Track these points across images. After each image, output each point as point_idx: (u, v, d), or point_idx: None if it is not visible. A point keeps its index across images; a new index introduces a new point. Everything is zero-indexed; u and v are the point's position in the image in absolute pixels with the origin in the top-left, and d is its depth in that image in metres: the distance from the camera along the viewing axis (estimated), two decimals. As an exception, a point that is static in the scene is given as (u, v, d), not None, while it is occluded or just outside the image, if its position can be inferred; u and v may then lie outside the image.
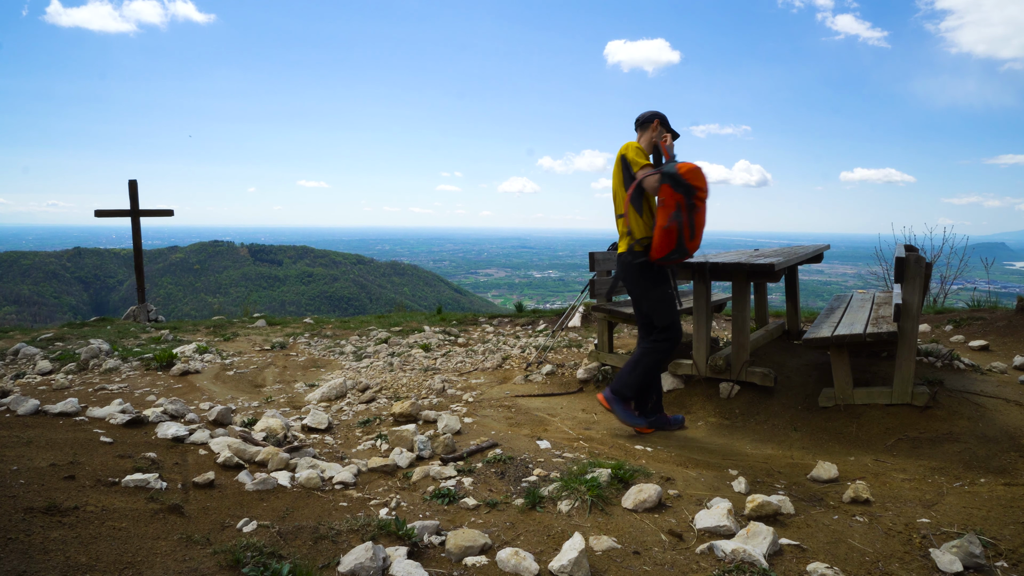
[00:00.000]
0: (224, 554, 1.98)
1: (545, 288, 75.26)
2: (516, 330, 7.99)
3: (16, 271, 59.04)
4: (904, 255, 3.84)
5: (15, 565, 1.78)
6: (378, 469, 3.08)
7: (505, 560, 2.10)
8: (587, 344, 6.24)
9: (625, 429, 3.95)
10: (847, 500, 2.74)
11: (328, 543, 2.17)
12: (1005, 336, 5.83)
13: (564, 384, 4.96)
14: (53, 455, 2.64)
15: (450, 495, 2.69)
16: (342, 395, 4.96)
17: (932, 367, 4.52)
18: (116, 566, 1.88)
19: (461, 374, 5.56)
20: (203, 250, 71.94)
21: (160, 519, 2.24)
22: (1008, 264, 52.77)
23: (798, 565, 2.13)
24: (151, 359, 6.08)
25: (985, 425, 3.51)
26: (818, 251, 5.58)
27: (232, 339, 7.71)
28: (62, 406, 3.39)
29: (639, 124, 3.86)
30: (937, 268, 9.14)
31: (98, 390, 5.04)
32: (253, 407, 4.67)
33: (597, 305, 4.97)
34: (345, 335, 8.12)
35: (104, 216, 9.51)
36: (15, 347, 6.45)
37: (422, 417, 3.99)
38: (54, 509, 2.14)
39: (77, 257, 65.32)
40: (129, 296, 40.19)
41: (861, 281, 22.54)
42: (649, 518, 2.47)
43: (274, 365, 6.33)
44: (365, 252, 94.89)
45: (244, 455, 3.05)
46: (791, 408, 4.11)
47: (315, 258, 74.18)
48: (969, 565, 2.13)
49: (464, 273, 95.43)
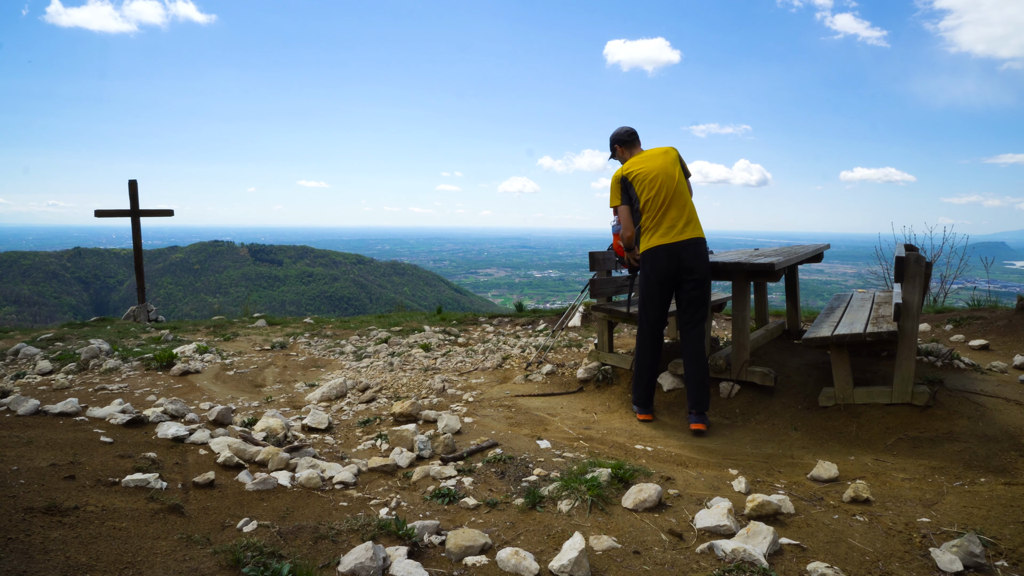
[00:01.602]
0: (224, 554, 1.98)
1: (545, 288, 75.26)
2: (516, 330, 7.99)
3: (16, 271, 59.05)
4: (904, 254, 3.84)
5: (15, 565, 1.78)
6: (378, 469, 3.08)
7: (505, 560, 2.10)
8: (587, 344, 6.24)
9: (625, 429, 3.95)
10: (847, 499, 2.74)
11: (328, 543, 2.17)
12: (1005, 335, 5.83)
13: (564, 384, 4.96)
14: (53, 455, 2.64)
15: (450, 495, 2.69)
16: (342, 395, 4.96)
17: (932, 366, 4.52)
18: (116, 566, 1.88)
19: (461, 374, 5.56)
20: (203, 250, 71.94)
21: (160, 519, 2.24)
22: (1008, 263, 52.77)
23: (798, 564, 2.13)
24: (151, 359, 6.08)
25: (985, 424, 3.51)
26: (818, 251, 5.58)
27: (232, 339, 7.71)
28: (62, 406, 3.39)
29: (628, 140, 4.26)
30: (937, 267, 9.13)
31: (98, 390, 5.04)
32: (253, 407, 4.67)
33: (597, 305, 4.97)
34: (345, 335, 8.12)
35: (104, 216, 9.51)
36: (15, 347, 6.46)
37: (422, 417, 3.99)
38: (54, 509, 2.14)
39: (77, 257, 65.33)
40: (129, 296, 40.20)
41: (861, 281, 22.55)
42: (649, 518, 2.47)
43: (274, 365, 6.33)
44: (365, 252, 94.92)
45: (244, 455, 3.05)
46: (791, 407, 4.11)
47: (315, 258, 74.19)
48: (969, 564, 2.13)
49: (464, 273, 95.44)
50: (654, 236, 3.93)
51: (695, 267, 3.91)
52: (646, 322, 4.09)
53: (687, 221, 3.92)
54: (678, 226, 3.90)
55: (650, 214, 3.94)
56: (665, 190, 3.91)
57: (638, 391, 4.18)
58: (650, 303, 4.05)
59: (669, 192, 3.91)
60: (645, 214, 3.97)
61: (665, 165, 3.98)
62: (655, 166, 3.98)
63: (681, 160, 4.08)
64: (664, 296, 4.03)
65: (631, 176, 4.00)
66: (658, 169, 3.96)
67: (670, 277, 3.95)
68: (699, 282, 3.94)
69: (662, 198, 3.91)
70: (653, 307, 4.05)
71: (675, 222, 3.90)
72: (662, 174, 3.94)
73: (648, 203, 3.94)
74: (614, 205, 4.12)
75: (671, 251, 3.90)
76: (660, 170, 3.96)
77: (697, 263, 3.92)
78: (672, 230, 3.90)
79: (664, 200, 3.90)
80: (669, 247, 3.90)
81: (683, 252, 3.89)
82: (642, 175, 3.97)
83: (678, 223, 3.90)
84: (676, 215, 3.90)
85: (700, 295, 3.96)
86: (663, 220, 3.91)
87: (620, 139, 4.25)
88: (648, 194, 3.94)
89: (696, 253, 3.92)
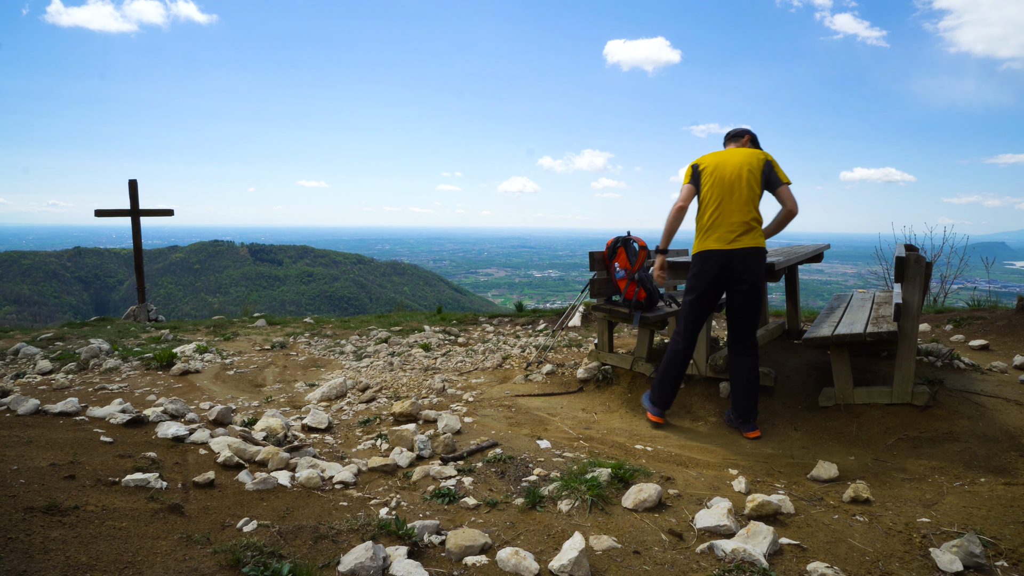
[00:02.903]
0: (224, 554, 1.98)
1: (545, 288, 75.27)
2: (516, 330, 7.99)
3: (16, 271, 59.05)
4: (904, 254, 3.84)
5: (15, 565, 1.78)
6: (378, 469, 3.08)
7: (505, 560, 2.10)
8: (587, 344, 6.24)
9: (625, 429, 3.96)
10: (847, 500, 2.74)
11: (328, 543, 2.17)
12: (1005, 335, 5.83)
13: (564, 384, 4.96)
14: (53, 455, 2.64)
15: (450, 495, 2.69)
16: (342, 395, 4.96)
17: (932, 366, 4.52)
18: (116, 566, 1.88)
19: (461, 374, 5.56)
20: (203, 250, 71.95)
21: (160, 519, 2.24)
22: (1008, 263, 52.77)
23: (798, 565, 2.13)
24: (151, 359, 6.08)
25: (985, 425, 3.51)
26: (818, 251, 5.58)
27: (232, 339, 7.71)
28: (62, 406, 3.39)
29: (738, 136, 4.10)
30: (937, 267, 9.13)
31: (98, 390, 5.04)
32: (253, 407, 4.67)
33: (597, 305, 4.97)
34: (345, 335, 8.12)
35: (104, 216, 9.50)
36: (15, 347, 6.46)
37: (422, 417, 3.99)
38: (54, 509, 2.14)
39: (77, 257, 65.33)
40: (129, 296, 40.18)
41: (861, 281, 22.54)
42: (649, 518, 2.47)
43: (274, 365, 6.33)
44: (365, 252, 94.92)
45: (244, 455, 3.05)
46: (791, 407, 4.11)
47: (315, 258, 74.20)
48: (969, 565, 2.13)
49: (464, 273, 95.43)
50: (709, 239, 3.76)
51: (745, 278, 3.75)
52: (687, 322, 3.91)
53: (746, 229, 3.72)
54: (735, 232, 3.72)
55: (707, 212, 3.77)
56: (727, 191, 3.73)
57: (663, 391, 4.00)
58: (696, 305, 3.88)
59: (731, 193, 3.72)
60: (702, 209, 3.82)
61: (739, 166, 3.76)
62: (728, 164, 3.78)
63: (770, 168, 3.81)
64: (711, 300, 3.89)
65: (701, 166, 3.85)
66: (729, 168, 3.77)
67: (720, 283, 3.80)
68: (748, 292, 3.78)
69: (720, 198, 3.73)
70: (697, 309, 3.89)
71: (734, 227, 3.72)
72: (732, 175, 3.75)
73: (706, 201, 3.78)
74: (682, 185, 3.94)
75: (723, 258, 3.73)
76: (731, 169, 3.76)
77: (748, 274, 3.75)
78: (729, 235, 3.72)
79: (721, 201, 3.73)
80: (722, 253, 3.73)
81: (736, 262, 3.72)
82: (710, 169, 3.80)
83: (736, 229, 3.72)
84: (736, 220, 3.72)
85: (750, 307, 3.81)
86: (720, 223, 3.73)
87: (730, 133, 4.14)
88: (709, 191, 3.77)
89: (749, 264, 3.74)
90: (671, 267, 4.30)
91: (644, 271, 4.70)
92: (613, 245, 4.79)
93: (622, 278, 4.72)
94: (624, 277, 4.70)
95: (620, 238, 4.79)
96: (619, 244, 4.75)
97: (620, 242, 4.75)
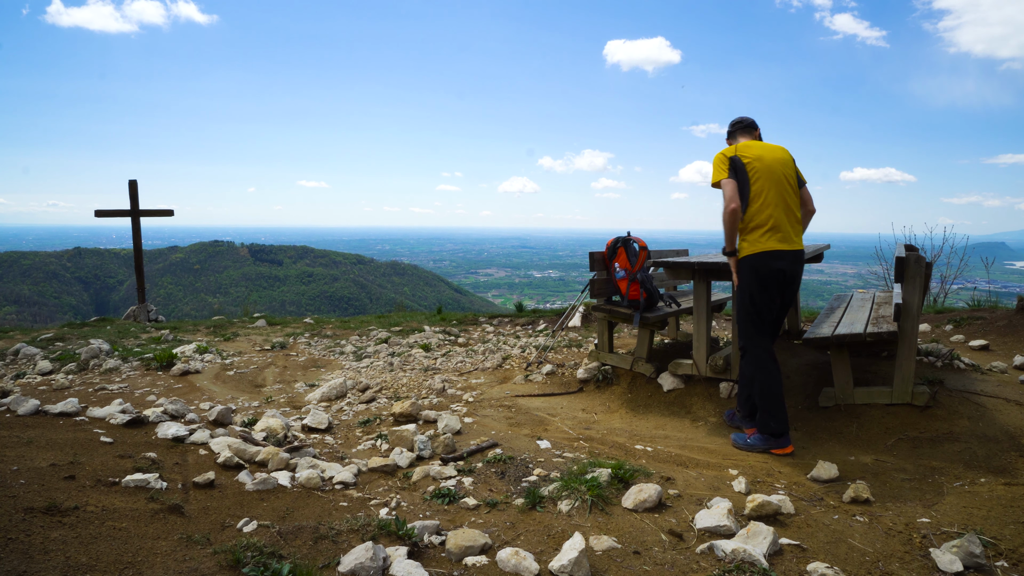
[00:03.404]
0: (224, 554, 1.98)
1: (545, 288, 75.26)
2: (516, 330, 7.99)
3: (16, 271, 59.06)
4: (904, 255, 3.83)
5: (15, 565, 1.78)
6: (378, 469, 3.08)
7: (505, 560, 2.10)
8: (587, 344, 6.24)
9: (625, 429, 3.95)
10: (847, 500, 2.74)
11: (328, 543, 2.17)
12: (1005, 336, 5.83)
13: (564, 384, 4.96)
14: (53, 455, 2.64)
15: (450, 495, 2.69)
16: (342, 395, 4.96)
17: (932, 367, 4.52)
18: (116, 566, 1.88)
19: (461, 374, 5.56)
20: (203, 250, 71.95)
21: (160, 519, 2.24)
22: (1008, 264, 52.76)
23: (798, 565, 2.14)
24: (151, 359, 6.08)
25: (985, 425, 3.51)
26: (818, 251, 5.57)
27: (232, 339, 7.71)
28: (62, 406, 3.39)
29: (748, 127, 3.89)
30: (937, 268, 9.13)
31: (98, 390, 5.04)
32: (253, 407, 4.67)
33: (597, 305, 4.97)
34: (345, 335, 8.12)
35: (104, 216, 9.51)
36: (15, 347, 6.46)
37: (422, 417, 3.99)
38: (54, 509, 2.14)
39: (77, 257, 65.34)
40: (129, 296, 40.20)
41: (861, 281, 22.53)
42: (649, 518, 2.47)
43: (274, 365, 6.33)
44: (365, 252, 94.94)
45: (244, 455, 3.05)
46: (791, 407, 4.10)
47: (315, 258, 74.21)
48: (969, 565, 2.13)
49: (464, 273, 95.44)
50: (772, 238, 3.53)
51: (797, 279, 3.70)
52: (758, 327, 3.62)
53: (800, 229, 3.68)
54: (797, 232, 3.64)
55: (766, 210, 3.53)
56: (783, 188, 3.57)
57: (775, 415, 3.52)
58: (765, 310, 3.61)
59: (786, 191, 3.58)
60: (758, 207, 3.54)
61: (782, 162, 3.63)
62: (773, 159, 3.60)
63: (796, 167, 3.76)
64: (776, 303, 3.64)
65: (744, 159, 3.57)
66: (775, 163, 3.59)
67: (781, 284, 3.59)
68: (793, 294, 3.80)
69: (779, 195, 3.55)
70: (770, 312, 3.63)
71: (795, 227, 3.62)
72: (779, 170, 3.59)
73: (762, 197, 3.53)
74: (718, 180, 3.58)
75: (793, 259, 3.59)
76: (778, 164, 3.60)
77: (799, 276, 3.74)
78: (793, 235, 3.59)
79: (781, 198, 3.55)
80: (793, 254, 3.58)
81: (797, 263, 3.62)
82: (756, 163, 3.56)
83: (797, 228, 3.63)
84: (795, 218, 3.63)
85: (787, 309, 3.76)
86: (781, 222, 3.54)
87: (741, 122, 3.88)
88: (762, 186, 3.54)
89: (800, 267, 3.71)
90: (671, 267, 4.29)
91: (644, 271, 4.69)
92: (613, 245, 4.80)
93: (622, 278, 4.73)
94: (624, 277, 4.71)
95: (620, 238, 4.79)
96: (619, 244, 4.76)
97: (620, 242, 4.76)
